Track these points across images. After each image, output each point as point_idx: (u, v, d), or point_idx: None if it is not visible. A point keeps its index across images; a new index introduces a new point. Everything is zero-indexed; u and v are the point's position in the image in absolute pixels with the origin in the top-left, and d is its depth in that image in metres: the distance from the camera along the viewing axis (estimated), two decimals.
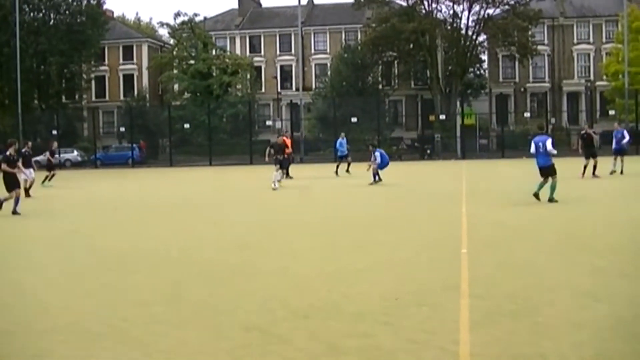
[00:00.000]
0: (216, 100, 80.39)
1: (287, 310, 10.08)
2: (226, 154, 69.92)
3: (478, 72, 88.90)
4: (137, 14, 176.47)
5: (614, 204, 23.33)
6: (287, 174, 39.64)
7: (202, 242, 17.15)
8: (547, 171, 23.62)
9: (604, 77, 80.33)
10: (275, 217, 22.31)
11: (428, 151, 70.39)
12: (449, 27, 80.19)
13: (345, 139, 44.66)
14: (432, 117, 75.19)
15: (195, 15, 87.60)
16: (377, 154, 34.62)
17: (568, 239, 16.14)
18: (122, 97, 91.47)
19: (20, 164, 31.09)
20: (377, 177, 34.25)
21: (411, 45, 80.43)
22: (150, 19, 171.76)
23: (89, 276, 13.21)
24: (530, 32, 79.10)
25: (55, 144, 46.34)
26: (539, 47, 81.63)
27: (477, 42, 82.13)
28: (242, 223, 20.97)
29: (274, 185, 33.04)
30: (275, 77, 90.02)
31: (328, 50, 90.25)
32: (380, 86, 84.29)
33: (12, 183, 24.52)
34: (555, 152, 23.72)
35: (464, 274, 12.10)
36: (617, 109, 72.01)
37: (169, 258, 15.00)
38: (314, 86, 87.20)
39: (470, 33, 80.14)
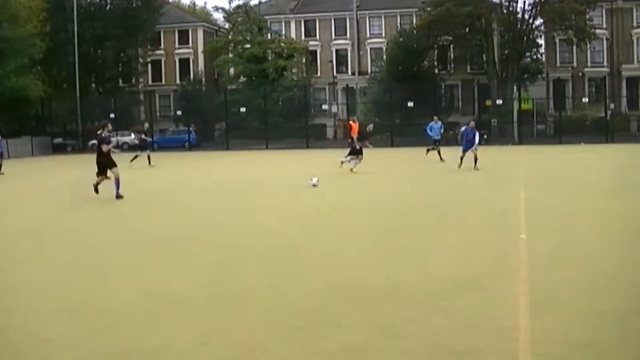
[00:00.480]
0: (271, 84, 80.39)
1: (341, 293, 10.07)
2: (281, 137, 69.94)
3: (535, 57, 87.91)
4: None
5: None
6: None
7: (260, 225, 17.21)
8: None
9: None
10: (337, 201, 22.34)
11: (484, 136, 69.85)
12: (504, 11, 79.39)
13: (439, 122, 43.32)
14: (488, 102, 74.55)
15: None
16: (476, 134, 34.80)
17: (631, 227, 16.00)
18: (177, 81, 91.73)
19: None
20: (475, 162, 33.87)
21: (467, 29, 79.77)
22: (205, 3, 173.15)
23: (152, 258, 13.45)
24: (587, 16, 77.77)
25: (146, 125, 46.70)
26: (597, 31, 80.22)
27: (533, 26, 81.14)
28: (311, 206, 21.01)
29: (348, 165, 33.76)
30: (331, 61, 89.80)
31: (383, 34, 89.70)
32: (435, 70, 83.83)
33: (105, 165, 23.71)
34: None
35: (522, 259, 12.05)
36: None
37: (223, 240, 15.15)
38: (369, 70, 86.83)
39: (526, 17, 79.21)
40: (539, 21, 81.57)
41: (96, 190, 23.71)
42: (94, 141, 31.27)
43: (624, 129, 68.95)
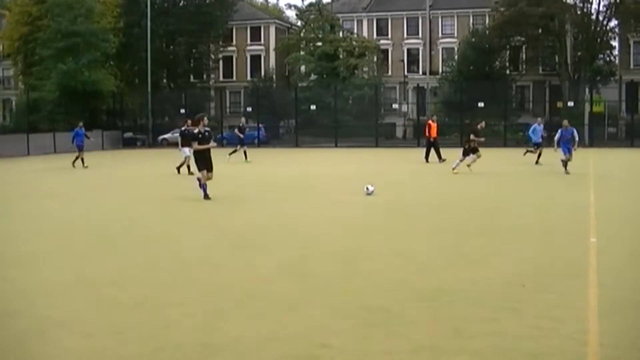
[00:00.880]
0: (342, 82, 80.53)
1: (411, 292, 10.16)
2: (350, 136, 69.86)
3: (608, 59, 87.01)
4: None
5: None
6: (439, 157, 39.66)
7: (329, 222, 17.36)
8: None
9: None
10: (412, 199, 22.41)
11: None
12: (578, 12, 78.79)
13: (542, 125, 41.87)
14: (559, 104, 73.98)
15: None
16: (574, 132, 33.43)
17: None
18: (248, 78, 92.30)
19: (180, 142, 32.51)
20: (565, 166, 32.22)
21: (539, 30, 79.38)
22: (278, 0, 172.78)
23: (218, 252, 13.63)
24: None
25: (243, 120, 47.07)
26: None
27: (607, 27, 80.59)
28: (380, 204, 21.10)
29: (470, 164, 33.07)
30: (402, 61, 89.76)
31: (455, 34, 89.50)
32: (507, 71, 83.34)
33: (203, 162, 22.25)
34: None
35: (592, 262, 12.02)
36: None
37: (295, 236, 15.34)
38: (440, 70, 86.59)
39: (600, 18, 78.67)
40: (613, 22, 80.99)
41: (206, 194, 22.18)
42: (166, 136, 30.77)
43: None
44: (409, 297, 9.85)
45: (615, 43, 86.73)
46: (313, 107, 72.42)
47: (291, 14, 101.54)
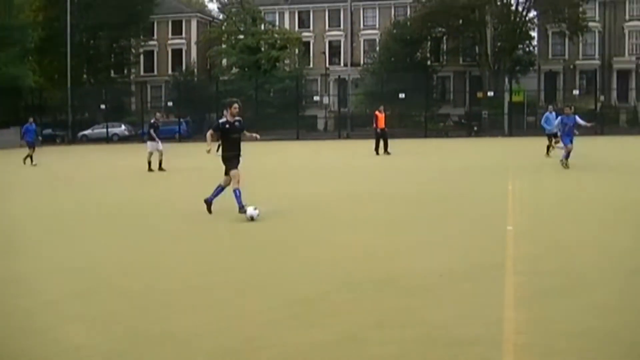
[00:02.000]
0: (264, 75, 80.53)
1: (339, 282, 10.21)
2: (273, 128, 69.84)
3: (527, 49, 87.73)
4: None
5: None
6: (386, 149, 39.44)
7: (280, 213, 17.10)
8: None
9: None
10: (348, 190, 22.36)
11: (475, 128, 70.15)
12: (499, 3, 79.48)
13: (554, 113, 36.89)
14: (480, 94, 74.78)
15: None
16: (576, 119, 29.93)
17: (620, 215, 16.22)
18: (170, 72, 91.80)
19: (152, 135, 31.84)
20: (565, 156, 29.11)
21: (461, 21, 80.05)
22: None
23: (149, 248, 13.56)
24: (581, 9, 78.15)
25: (158, 115, 46.42)
26: (590, 24, 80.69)
27: (527, 18, 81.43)
28: (313, 194, 21.06)
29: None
30: (324, 53, 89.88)
31: (377, 26, 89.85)
32: (428, 62, 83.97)
33: (233, 161, 17.34)
34: None
35: (510, 251, 12.14)
36: None
37: (233, 225, 15.31)
38: (362, 62, 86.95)
39: (520, 9, 79.50)
40: (532, 13, 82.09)
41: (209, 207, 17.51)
42: (86, 132, 28.56)
43: (614, 121, 69.09)
44: (337, 288, 9.91)
45: (534, 34, 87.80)
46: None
47: (213, 7, 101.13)
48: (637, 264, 11.10)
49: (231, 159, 17.21)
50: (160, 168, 31.40)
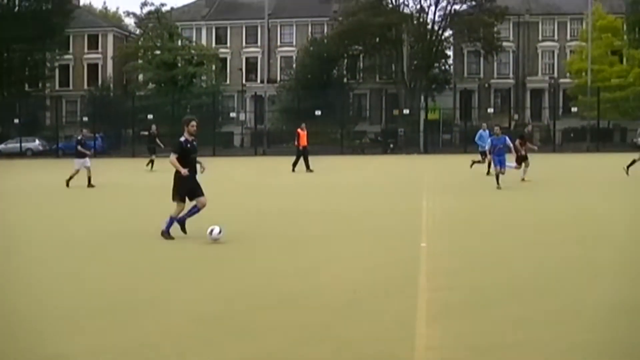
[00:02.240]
0: (181, 91, 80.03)
1: (253, 300, 10.16)
2: None
3: (443, 67, 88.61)
4: (104, 2, 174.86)
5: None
6: (307, 167, 39.17)
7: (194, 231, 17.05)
8: None
9: (568, 74, 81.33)
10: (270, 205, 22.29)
11: (391, 145, 70.60)
12: (415, 22, 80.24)
13: (488, 130, 35.75)
14: (396, 111, 75.36)
15: (162, 5, 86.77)
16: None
17: (532, 231, 16.42)
18: (86, 87, 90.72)
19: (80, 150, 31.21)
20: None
21: (377, 40, 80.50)
22: (117, 8, 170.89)
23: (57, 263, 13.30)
24: (496, 29, 79.27)
25: (153, 127, 46.02)
26: (504, 44, 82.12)
27: (443, 37, 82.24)
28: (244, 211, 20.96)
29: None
30: (241, 69, 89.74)
31: (294, 43, 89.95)
32: (345, 79, 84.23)
33: (188, 184, 15.85)
34: None
35: (423, 267, 12.23)
36: (579, 106, 72.80)
37: (144, 240, 15.19)
38: (279, 78, 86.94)
39: (436, 28, 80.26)
40: (448, 32, 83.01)
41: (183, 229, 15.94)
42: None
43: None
44: (250, 306, 9.84)
45: (450, 52, 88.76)
46: (150, 116, 71.55)
47: (130, 21, 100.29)
48: (547, 280, 11.25)
49: (190, 182, 15.71)
50: (89, 184, 30.92)
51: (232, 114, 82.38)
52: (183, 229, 15.78)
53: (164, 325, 8.93)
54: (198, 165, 16.24)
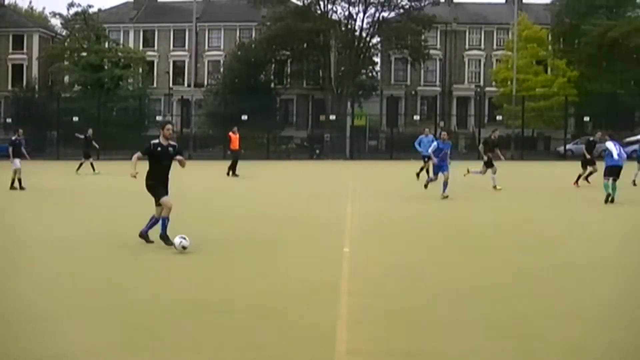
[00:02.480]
0: (107, 93, 79.29)
1: (177, 306, 10.14)
2: (116, 148, 68.83)
3: (370, 74, 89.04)
4: (30, 2, 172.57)
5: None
6: (234, 171, 38.74)
7: (96, 235, 16.90)
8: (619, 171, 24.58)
9: (493, 83, 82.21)
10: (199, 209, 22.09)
11: (317, 151, 70.65)
12: (343, 29, 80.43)
13: (430, 136, 35.90)
14: (322, 117, 75.43)
15: (89, 6, 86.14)
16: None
17: (454, 237, 16.61)
18: (10, 87, 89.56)
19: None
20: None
21: (305, 45, 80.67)
22: (44, 8, 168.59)
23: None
24: (423, 37, 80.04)
25: (90, 131, 45.09)
26: (431, 52, 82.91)
27: (370, 44, 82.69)
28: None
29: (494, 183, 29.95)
30: (168, 72, 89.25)
31: (222, 47, 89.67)
32: (272, 84, 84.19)
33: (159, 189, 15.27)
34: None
35: (345, 273, 12.29)
36: (504, 115, 73.62)
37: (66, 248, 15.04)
38: (206, 82, 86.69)
39: (364, 35, 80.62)
40: (376, 39, 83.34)
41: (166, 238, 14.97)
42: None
43: (453, 147, 70.77)
44: (175, 311, 9.85)
45: (377, 59, 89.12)
46: (76, 118, 70.85)
47: (56, 22, 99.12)
48: (469, 286, 11.39)
49: (156, 188, 15.05)
50: (20, 186, 30.44)
51: (159, 118, 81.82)
52: (145, 238, 15.25)
53: (90, 333, 8.96)
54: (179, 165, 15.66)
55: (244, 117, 66.48)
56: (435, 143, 27.63)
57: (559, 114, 72.73)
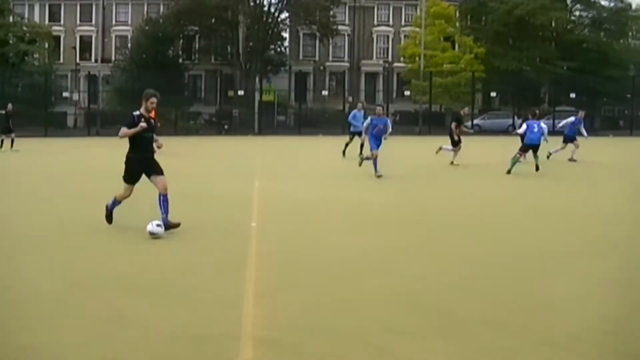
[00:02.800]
0: (12, 69, 77.98)
1: (69, 282, 10.11)
2: (21, 125, 67.77)
3: (279, 50, 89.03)
4: None
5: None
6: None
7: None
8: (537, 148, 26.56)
9: (402, 58, 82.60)
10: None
11: (226, 127, 70.47)
12: (252, 4, 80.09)
13: (362, 111, 34.95)
14: (231, 93, 75.29)
15: None
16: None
17: (357, 215, 16.72)
18: None
19: None
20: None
21: (213, 20, 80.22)
22: None
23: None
24: (331, 12, 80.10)
25: (10, 106, 43.94)
26: (340, 27, 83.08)
27: (279, 19, 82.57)
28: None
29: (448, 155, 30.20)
30: (74, 48, 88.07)
31: (130, 22, 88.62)
32: (180, 60, 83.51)
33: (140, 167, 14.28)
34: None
35: (252, 248, 12.36)
36: (412, 90, 74.26)
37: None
38: (113, 58, 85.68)
39: (272, 10, 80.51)
40: (284, 15, 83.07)
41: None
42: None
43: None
44: (64, 287, 9.82)
45: (286, 35, 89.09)
46: None
47: None
48: (374, 261, 11.55)
49: (136, 167, 14.11)
50: None
51: (66, 94, 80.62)
52: (109, 219, 14.54)
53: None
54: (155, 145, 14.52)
55: None
56: (369, 119, 26.32)
57: (466, 90, 73.68)
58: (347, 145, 34.16)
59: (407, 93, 74.30)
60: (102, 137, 60.09)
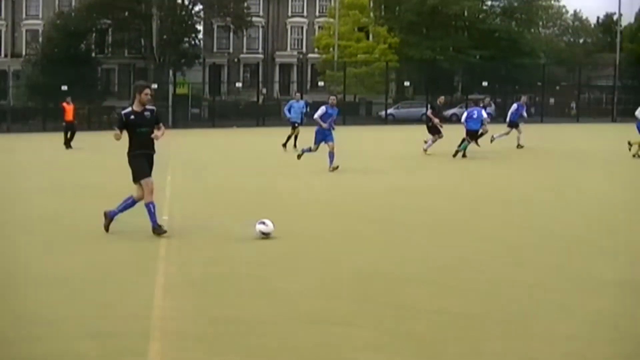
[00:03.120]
0: None
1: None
2: None
3: (193, 42, 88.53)
4: None
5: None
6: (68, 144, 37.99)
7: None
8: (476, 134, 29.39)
9: (316, 49, 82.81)
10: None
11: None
12: None
13: (301, 102, 35.50)
14: None
15: None
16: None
17: (278, 204, 16.76)
18: None
19: None
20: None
21: (126, 13, 79.63)
22: None
23: None
24: (245, 4, 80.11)
25: None
26: (254, 19, 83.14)
27: (193, 11, 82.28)
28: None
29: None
30: None
31: (40, 16, 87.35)
32: (93, 54, 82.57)
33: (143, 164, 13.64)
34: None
35: (163, 240, 12.35)
36: (326, 81, 74.41)
37: None
38: (24, 53, 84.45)
39: (186, 3, 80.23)
40: (198, 7, 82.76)
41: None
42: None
43: (276, 113, 71.00)
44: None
45: (200, 27, 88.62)
46: None
47: None
48: (288, 251, 11.66)
49: (137, 162, 13.47)
50: None
51: None
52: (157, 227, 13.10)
53: None
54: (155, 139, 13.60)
55: (64, 88, 65.11)
56: (323, 107, 25.16)
57: (380, 80, 74.01)
58: (289, 137, 33.72)
59: (321, 84, 74.45)
60: (13, 133, 59.34)
